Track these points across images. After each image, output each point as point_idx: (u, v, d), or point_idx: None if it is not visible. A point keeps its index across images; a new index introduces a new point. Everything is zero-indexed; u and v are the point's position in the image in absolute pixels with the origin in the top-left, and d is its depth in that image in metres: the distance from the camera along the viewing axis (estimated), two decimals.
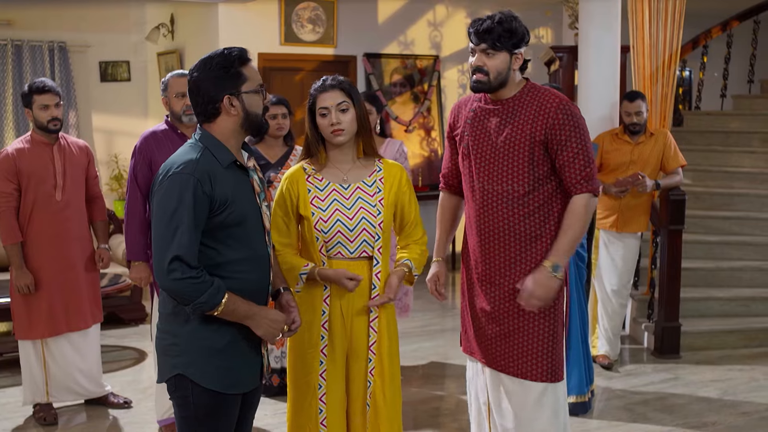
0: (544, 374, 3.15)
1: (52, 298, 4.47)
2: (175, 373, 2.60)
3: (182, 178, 2.50)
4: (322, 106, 3.04)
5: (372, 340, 3.11)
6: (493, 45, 3.07)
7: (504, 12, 3.13)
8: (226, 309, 2.54)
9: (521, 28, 3.11)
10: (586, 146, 3.07)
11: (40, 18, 7.91)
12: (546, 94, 3.12)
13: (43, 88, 4.39)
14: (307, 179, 3.09)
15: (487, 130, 3.19)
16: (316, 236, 3.04)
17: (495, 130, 3.16)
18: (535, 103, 3.11)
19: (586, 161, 3.06)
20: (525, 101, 3.13)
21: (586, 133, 3.10)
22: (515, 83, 3.16)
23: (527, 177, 3.09)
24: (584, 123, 3.10)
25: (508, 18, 3.09)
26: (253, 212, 2.70)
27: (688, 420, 4.61)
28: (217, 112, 2.62)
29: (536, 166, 3.09)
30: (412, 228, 3.25)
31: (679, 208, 5.60)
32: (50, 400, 4.60)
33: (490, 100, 3.19)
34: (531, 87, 3.17)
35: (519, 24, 3.11)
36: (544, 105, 3.08)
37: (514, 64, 3.12)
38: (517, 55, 3.11)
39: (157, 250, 2.51)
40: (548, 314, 3.14)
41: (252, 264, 2.67)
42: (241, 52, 2.63)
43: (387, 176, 3.16)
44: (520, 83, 3.17)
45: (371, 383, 3.13)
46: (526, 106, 3.11)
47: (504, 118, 3.15)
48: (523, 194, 3.11)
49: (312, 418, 3.11)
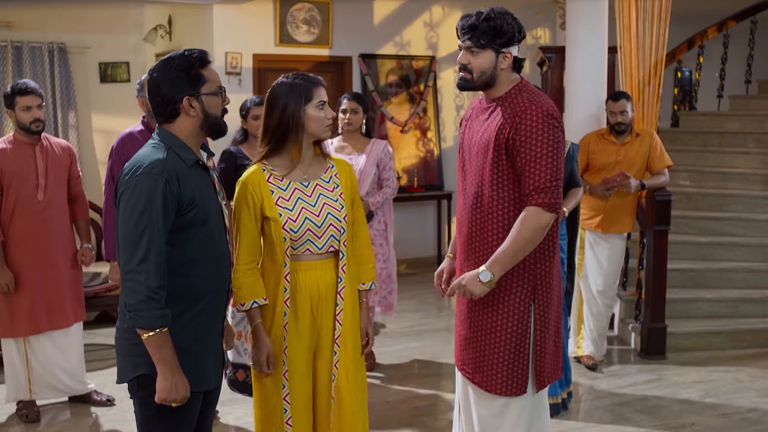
0: (502, 387, 3.07)
1: (34, 296, 4.51)
2: (139, 373, 2.62)
3: (151, 178, 2.52)
4: (322, 99, 3.04)
5: (337, 333, 3.12)
6: (477, 42, 2.98)
7: (496, 8, 3.00)
8: (155, 340, 2.50)
9: (511, 26, 2.98)
10: (547, 156, 2.89)
11: (39, 19, 7.99)
12: (525, 97, 2.98)
13: (25, 89, 4.44)
14: (268, 180, 3.06)
15: (474, 129, 3.14)
16: (284, 236, 3.02)
17: (477, 130, 3.11)
18: (512, 105, 2.99)
19: (542, 172, 2.89)
20: (507, 102, 3.01)
21: (554, 144, 2.90)
22: (507, 83, 3.04)
23: (494, 181, 3.00)
24: (555, 134, 2.91)
25: (497, 15, 2.97)
26: (215, 211, 2.74)
27: (667, 421, 4.61)
28: (176, 112, 2.65)
29: (501, 170, 2.98)
30: (362, 224, 3.26)
31: (665, 209, 5.59)
32: (33, 398, 4.65)
33: (485, 99, 3.12)
34: (520, 88, 3.03)
35: (509, 22, 2.98)
36: (516, 108, 2.95)
37: (502, 63, 3.00)
38: (505, 54, 3.00)
39: (125, 250, 2.52)
40: (511, 326, 3.04)
41: (214, 263, 2.71)
42: (202, 54, 2.66)
43: (341, 172, 3.18)
44: (512, 83, 3.05)
45: (335, 377, 3.13)
46: (505, 107, 3.00)
47: (488, 117, 3.07)
48: (489, 198, 3.02)
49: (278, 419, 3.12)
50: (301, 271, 3.07)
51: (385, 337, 6.23)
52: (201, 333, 2.69)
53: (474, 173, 3.09)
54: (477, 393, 3.18)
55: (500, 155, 2.97)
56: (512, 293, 3.04)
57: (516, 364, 3.06)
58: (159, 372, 2.54)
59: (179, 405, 2.58)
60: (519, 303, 3.04)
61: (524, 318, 3.05)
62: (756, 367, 5.51)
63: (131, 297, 2.50)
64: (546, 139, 2.90)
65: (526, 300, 3.05)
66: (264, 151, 3.09)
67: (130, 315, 2.51)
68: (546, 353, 3.14)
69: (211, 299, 2.71)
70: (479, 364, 3.11)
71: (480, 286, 2.95)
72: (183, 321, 2.62)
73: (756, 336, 5.94)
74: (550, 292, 3.10)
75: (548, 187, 2.90)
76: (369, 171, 5.18)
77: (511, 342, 3.05)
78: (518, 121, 2.93)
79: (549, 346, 3.15)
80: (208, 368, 2.75)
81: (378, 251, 5.27)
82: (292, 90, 3.01)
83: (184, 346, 2.63)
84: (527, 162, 2.91)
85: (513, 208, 2.99)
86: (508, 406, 3.10)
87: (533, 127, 2.91)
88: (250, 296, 3.04)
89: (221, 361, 2.84)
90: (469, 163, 3.14)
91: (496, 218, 3.02)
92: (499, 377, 3.07)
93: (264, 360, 3.05)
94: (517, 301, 3.03)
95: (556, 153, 2.92)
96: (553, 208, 2.91)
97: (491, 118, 3.05)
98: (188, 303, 2.64)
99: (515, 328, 3.05)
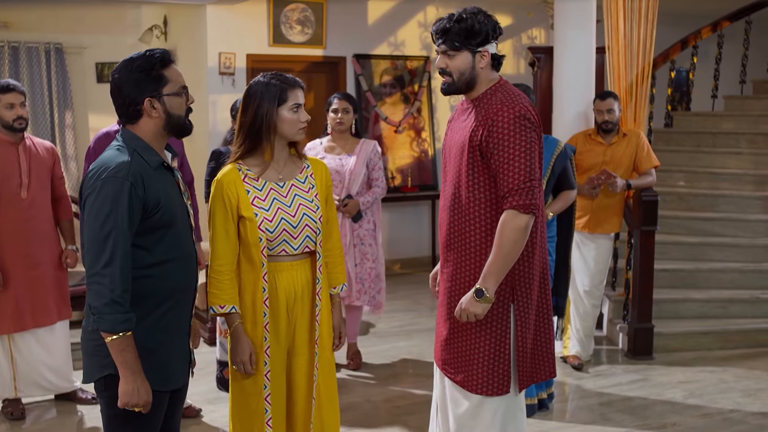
0: (480, 386, 3.07)
1: (18, 294, 4.54)
2: (105, 374, 2.63)
3: (116, 182, 2.52)
4: (297, 102, 3.04)
5: (317, 334, 3.14)
6: (452, 45, 2.98)
7: (467, 8, 3.00)
8: (118, 344, 2.50)
9: (484, 25, 2.97)
10: (520, 158, 2.88)
11: (36, 20, 8.03)
12: (499, 98, 2.97)
13: (8, 87, 4.49)
14: (244, 180, 3.06)
15: (454, 130, 3.15)
16: (260, 237, 3.03)
17: (457, 131, 3.11)
18: (486, 106, 2.98)
19: (515, 173, 2.88)
20: (483, 103, 3.00)
21: (527, 145, 2.89)
22: (485, 82, 3.03)
23: (470, 182, 3.00)
24: (528, 135, 2.90)
25: (468, 15, 2.96)
26: (180, 212, 2.75)
27: (649, 421, 4.61)
28: (138, 113, 2.65)
29: (476, 171, 2.98)
30: (333, 225, 3.27)
31: (651, 209, 5.59)
32: (18, 395, 4.69)
33: (466, 100, 3.12)
34: (496, 89, 3.02)
35: (481, 20, 2.97)
36: (490, 110, 2.95)
37: (480, 63, 3.00)
38: (482, 53, 2.99)
39: (90, 253, 2.53)
40: (491, 326, 3.04)
41: (181, 263, 2.72)
42: (163, 54, 2.66)
43: (316, 172, 3.19)
44: (490, 83, 3.04)
45: (316, 377, 3.15)
46: (480, 108, 3.00)
47: (466, 119, 3.07)
48: (466, 199, 3.02)
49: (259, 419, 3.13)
50: (278, 272, 3.09)
51: (373, 337, 6.25)
52: (169, 333, 2.71)
53: (452, 174, 3.11)
54: (453, 392, 3.19)
55: (475, 157, 2.98)
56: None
57: (496, 363, 3.07)
58: (121, 376, 2.55)
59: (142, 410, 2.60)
60: (497, 303, 3.04)
61: (503, 318, 3.06)
62: (742, 368, 5.51)
63: (96, 300, 2.51)
64: (519, 140, 2.90)
65: (505, 300, 3.05)
66: (239, 150, 3.08)
67: (94, 318, 2.53)
68: (527, 353, 3.13)
69: (178, 299, 2.73)
70: (460, 364, 3.12)
71: (479, 305, 2.94)
72: (151, 321, 2.64)
73: (744, 336, 5.93)
74: (530, 292, 3.10)
75: (522, 189, 2.90)
76: (359, 171, 5.20)
77: (490, 342, 3.06)
78: (491, 123, 2.93)
79: (530, 345, 3.15)
80: (176, 368, 2.77)
81: (367, 251, 5.30)
82: (267, 90, 3.02)
83: (152, 346, 2.65)
84: (501, 164, 2.91)
85: (490, 209, 3.00)
86: (482, 406, 3.11)
87: (506, 129, 2.90)
88: (231, 300, 3.07)
89: (188, 360, 2.86)
90: (448, 164, 3.16)
91: (474, 219, 3.03)
92: (479, 377, 3.08)
93: (247, 359, 3.06)
94: (495, 301, 3.03)
95: (530, 154, 2.92)
96: (528, 209, 2.91)
97: (468, 119, 3.06)
98: (156, 303, 2.66)
99: (494, 327, 3.05)
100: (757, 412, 4.74)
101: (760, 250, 6.43)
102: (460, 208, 3.05)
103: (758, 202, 6.74)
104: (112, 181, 2.52)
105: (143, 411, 2.61)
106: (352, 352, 5.53)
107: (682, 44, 7.50)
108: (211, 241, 3.08)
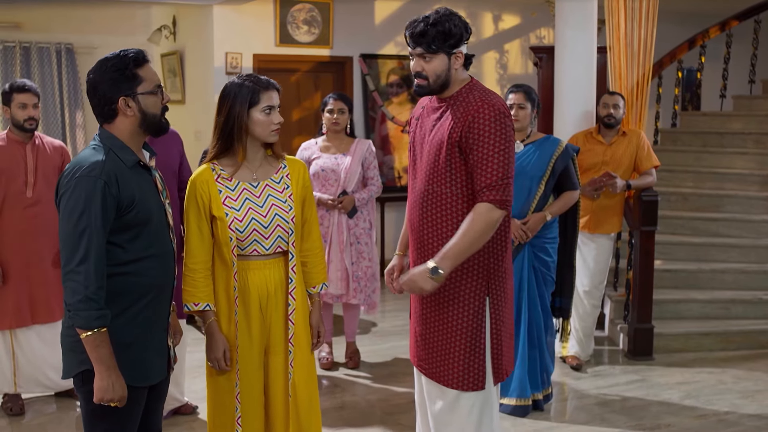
0: (456, 381, 3.10)
1: (19, 291, 4.61)
2: (83, 369, 2.67)
3: (90, 181, 2.57)
4: (269, 104, 3.06)
5: (290, 332, 3.17)
6: (429, 48, 3.01)
7: (440, 10, 3.04)
8: (92, 340, 2.55)
9: (459, 27, 3.01)
10: (499, 154, 2.93)
11: (47, 20, 8.13)
12: (476, 96, 3.02)
13: (23, 87, 4.57)
14: (217, 180, 3.10)
15: (425, 128, 3.18)
16: (230, 236, 3.06)
17: (429, 129, 3.15)
18: (463, 104, 3.03)
19: (494, 169, 2.93)
20: (458, 101, 3.05)
21: (505, 142, 2.94)
22: (458, 82, 3.08)
23: (446, 178, 3.04)
24: (507, 132, 2.96)
25: (443, 18, 3.00)
26: (157, 210, 2.78)
27: (643, 422, 4.60)
28: (114, 113, 2.69)
29: (453, 168, 3.03)
30: (312, 224, 3.29)
31: (651, 209, 5.57)
32: (18, 391, 4.75)
33: (436, 98, 3.16)
34: (470, 87, 3.08)
35: (456, 23, 3.01)
36: (468, 107, 2.99)
37: (455, 64, 3.04)
38: (457, 54, 3.03)
39: (64, 251, 2.58)
40: (466, 321, 3.08)
41: (157, 261, 2.76)
42: (138, 54, 2.70)
43: (292, 172, 3.20)
44: (462, 82, 3.09)
45: (291, 375, 3.18)
46: (456, 107, 3.04)
47: (439, 116, 3.11)
48: (442, 196, 3.06)
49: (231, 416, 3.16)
50: (250, 271, 3.11)
51: (374, 336, 6.28)
52: (145, 329, 2.75)
53: (425, 171, 3.13)
54: (430, 388, 3.22)
55: (453, 154, 3.01)
56: (465, 287, 3.08)
57: (473, 358, 3.09)
58: (96, 371, 2.59)
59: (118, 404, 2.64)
60: (473, 297, 3.07)
61: (479, 312, 3.09)
62: (742, 369, 5.48)
63: (71, 297, 2.56)
64: (498, 137, 2.95)
65: (481, 294, 3.09)
66: (213, 151, 3.12)
67: (69, 314, 2.58)
68: (503, 347, 3.17)
69: (155, 296, 2.76)
70: (436, 359, 3.15)
71: (430, 281, 2.95)
72: (127, 317, 2.68)
73: (746, 337, 5.90)
74: (504, 287, 3.15)
75: (499, 185, 2.94)
76: (354, 170, 5.22)
77: (466, 336, 3.09)
78: (471, 120, 2.97)
79: (506, 338, 3.19)
80: (153, 364, 2.81)
81: (363, 249, 5.32)
82: (240, 92, 3.04)
83: (129, 342, 2.69)
84: (479, 160, 2.95)
85: (466, 205, 3.04)
86: (458, 401, 3.13)
87: (486, 126, 2.95)
88: (205, 298, 3.11)
89: (167, 356, 2.90)
90: (420, 162, 3.18)
91: (450, 214, 3.06)
92: (456, 372, 3.10)
93: (221, 356, 3.10)
94: (471, 295, 3.07)
95: (507, 151, 2.96)
96: (503, 205, 2.95)
97: (444, 118, 3.09)
98: (132, 300, 2.70)
99: (470, 322, 3.08)
100: (753, 413, 4.72)
101: (764, 251, 6.39)
102: (435, 204, 3.08)
103: (763, 203, 6.70)
104: (85, 179, 2.57)
105: (119, 406, 2.64)
106: (351, 350, 5.55)
107: (689, 44, 7.46)
108: (186, 240, 3.12)
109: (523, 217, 4.56)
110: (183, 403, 4.64)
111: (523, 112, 4.63)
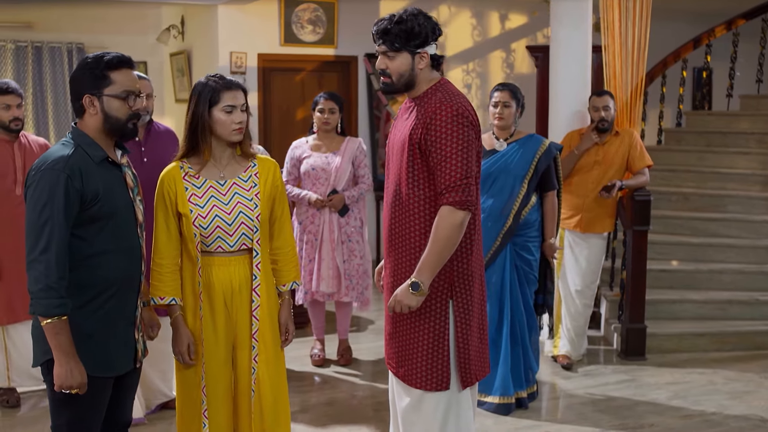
0: (419, 381, 3.13)
1: (11, 287, 4.69)
2: (47, 358, 2.77)
3: (53, 174, 2.68)
4: (230, 104, 3.10)
5: (255, 328, 3.22)
6: (392, 46, 3.03)
7: (408, 9, 3.05)
8: (52, 327, 2.65)
9: (424, 27, 3.01)
10: (457, 155, 2.94)
11: (58, 20, 8.28)
12: (439, 97, 3.02)
13: (6, 89, 4.65)
14: (184, 177, 3.16)
15: (397, 128, 3.22)
16: (195, 233, 3.12)
17: (399, 129, 3.18)
18: (425, 105, 3.03)
19: (452, 170, 2.94)
20: (423, 102, 3.06)
21: (464, 143, 2.95)
22: (426, 82, 3.09)
23: (410, 179, 3.06)
24: (466, 133, 2.96)
25: (408, 17, 3.01)
26: (124, 206, 2.87)
27: (626, 421, 4.60)
28: (82, 109, 2.81)
29: (416, 169, 3.04)
30: (283, 223, 3.33)
31: (644, 209, 5.56)
32: (12, 385, 4.85)
33: (408, 98, 3.18)
34: (437, 88, 3.07)
35: (421, 23, 3.01)
36: (429, 108, 3.00)
37: (419, 64, 3.05)
38: (422, 55, 3.04)
39: (28, 240, 2.68)
40: (429, 321, 3.10)
41: (121, 255, 2.84)
42: (116, 57, 2.80)
43: (262, 170, 3.24)
44: (431, 82, 3.10)
45: (255, 369, 3.23)
46: (420, 108, 3.05)
47: (407, 116, 3.13)
48: (407, 197, 3.07)
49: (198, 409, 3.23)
50: (215, 266, 3.17)
51: (370, 333, 6.32)
52: (109, 321, 2.84)
53: (393, 171, 3.17)
54: (397, 387, 3.26)
55: (414, 154, 3.03)
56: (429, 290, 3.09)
57: (435, 359, 3.11)
58: (55, 358, 2.69)
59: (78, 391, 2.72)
60: (436, 299, 3.09)
61: (442, 314, 3.11)
62: (733, 370, 5.45)
63: (33, 285, 2.66)
64: (455, 138, 2.95)
65: (443, 296, 3.10)
66: (183, 148, 3.19)
67: (31, 302, 2.67)
68: (471, 350, 3.18)
69: (119, 288, 2.85)
70: (401, 359, 3.19)
71: (414, 297, 2.99)
72: (90, 309, 2.78)
73: (741, 338, 5.87)
74: (470, 289, 3.15)
75: (459, 185, 2.95)
76: (345, 169, 5.27)
77: (429, 337, 3.11)
78: (429, 121, 2.98)
79: (474, 342, 3.19)
80: (117, 355, 2.89)
81: (355, 247, 5.36)
82: (203, 91, 3.11)
83: (90, 333, 2.78)
84: (438, 161, 2.97)
85: (429, 206, 3.05)
86: (422, 401, 3.16)
87: (443, 127, 2.96)
88: (171, 292, 3.18)
89: (134, 348, 2.96)
90: (391, 162, 3.22)
91: (414, 215, 3.08)
92: (419, 371, 3.13)
93: (185, 350, 3.17)
94: (433, 298, 3.09)
95: (466, 152, 2.97)
96: (464, 206, 2.96)
97: (409, 117, 3.12)
98: (96, 292, 2.79)
99: (433, 323, 3.10)
100: (739, 414, 4.70)
101: (763, 252, 6.35)
102: (401, 205, 3.11)
103: (764, 203, 6.66)
104: (49, 173, 2.69)
105: (79, 392, 2.73)
106: (343, 348, 5.60)
107: (694, 43, 7.43)
108: (154, 236, 3.19)
109: (506, 215, 4.58)
110: (171, 398, 4.70)
111: (508, 110, 4.66)
